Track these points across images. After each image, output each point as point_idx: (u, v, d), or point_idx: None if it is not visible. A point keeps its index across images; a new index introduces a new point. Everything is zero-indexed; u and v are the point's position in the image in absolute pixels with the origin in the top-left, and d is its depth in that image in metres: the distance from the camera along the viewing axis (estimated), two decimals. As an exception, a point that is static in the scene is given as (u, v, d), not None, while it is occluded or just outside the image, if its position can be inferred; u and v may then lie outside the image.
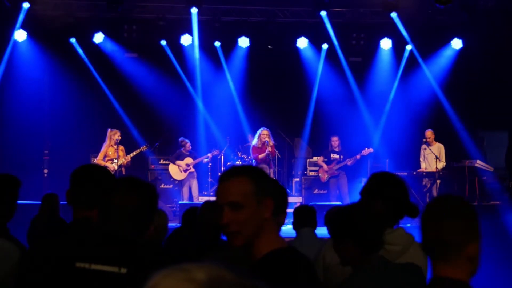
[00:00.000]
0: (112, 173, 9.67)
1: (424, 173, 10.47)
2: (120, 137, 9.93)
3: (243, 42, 11.83)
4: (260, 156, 9.87)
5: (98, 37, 11.47)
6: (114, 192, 2.07)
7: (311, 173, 11.50)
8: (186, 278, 0.92)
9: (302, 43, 11.94)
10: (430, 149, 10.50)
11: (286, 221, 10.08)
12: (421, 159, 10.78)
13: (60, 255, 1.99)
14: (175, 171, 10.89)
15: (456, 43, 11.82)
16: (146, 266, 1.97)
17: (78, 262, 1.94)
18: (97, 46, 11.61)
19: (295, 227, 4.44)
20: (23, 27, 10.98)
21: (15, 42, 11.09)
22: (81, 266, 1.94)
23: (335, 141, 10.85)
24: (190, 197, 10.78)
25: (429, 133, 10.62)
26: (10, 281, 2.26)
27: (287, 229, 5.11)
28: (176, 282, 0.92)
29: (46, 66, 11.49)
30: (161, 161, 11.52)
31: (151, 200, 2.10)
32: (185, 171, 10.83)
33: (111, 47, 11.68)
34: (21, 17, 10.74)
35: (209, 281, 0.91)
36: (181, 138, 10.98)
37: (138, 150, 10.19)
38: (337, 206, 2.61)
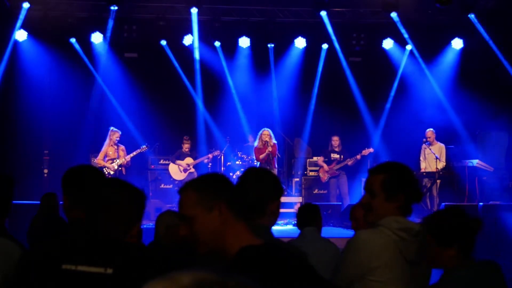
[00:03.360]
0: (112, 172, 9.70)
1: (424, 173, 10.46)
2: (118, 138, 9.94)
3: (244, 42, 11.83)
4: (261, 156, 9.87)
5: (98, 37, 11.46)
6: (98, 193, 2.09)
7: (311, 173, 11.50)
8: (172, 285, 0.98)
9: (300, 43, 11.94)
10: (430, 149, 10.50)
11: (286, 220, 9.90)
12: (421, 159, 10.77)
13: (47, 257, 2.00)
14: (175, 171, 10.89)
15: (457, 43, 11.82)
16: (132, 267, 1.99)
17: (64, 264, 1.96)
18: (97, 46, 11.61)
19: (299, 226, 4.40)
20: (23, 27, 10.98)
21: (16, 42, 11.09)
22: (67, 268, 1.95)
23: (335, 140, 10.86)
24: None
25: (429, 132, 10.62)
26: (11, 280, 2.26)
27: (290, 229, 5.04)
28: None
29: (46, 66, 11.49)
30: (161, 161, 11.51)
31: (136, 201, 2.11)
32: (185, 171, 10.83)
33: (111, 47, 11.66)
34: (21, 17, 10.74)
35: (193, 284, 0.98)
36: (185, 136, 10.97)
37: (139, 150, 10.19)
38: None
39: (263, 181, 2.50)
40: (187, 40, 11.69)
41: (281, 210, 2.70)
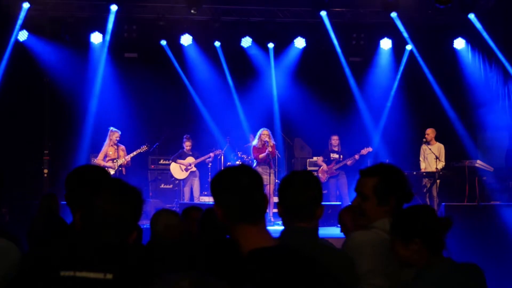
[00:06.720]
0: (112, 172, 9.71)
1: (424, 173, 10.45)
2: (118, 138, 9.95)
3: (246, 42, 11.82)
4: (261, 156, 9.86)
5: (98, 37, 11.46)
6: (96, 197, 2.05)
7: (311, 173, 11.48)
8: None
9: (300, 43, 11.94)
10: (430, 148, 10.49)
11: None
12: (421, 159, 10.76)
13: (45, 265, 1.96)
14: (177, 170, 10.89)
15: (459, 43, 11.82)
16: (132, 271, 1.96)
17: (62, 271, 1.92)
18: (97, 46, 11.61)
19: None
20: (23, 27, 10.98)
21: (16, 41, 11.08)
22: (66, 275, 1.91)
23: (335, 140, 10.85)
24: (191, 197, 10.77)
25: (429, 131, 10.60)
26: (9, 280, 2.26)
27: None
28: None
29: (46, 66, 11.49)
30: (161, 161, 11.52)
31: (135, 205, 2.07)
32: (186, 170, 10.83)
33: (111, 47, 11.65)
34: (21, 17, 10.73)
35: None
36: (186, 135, 10.98)
37: (139, 150, 10.20)
38: (347, 206, 2.63)
39: (312, 184, 2.44)
40: (187, 40, 11.69)
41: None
